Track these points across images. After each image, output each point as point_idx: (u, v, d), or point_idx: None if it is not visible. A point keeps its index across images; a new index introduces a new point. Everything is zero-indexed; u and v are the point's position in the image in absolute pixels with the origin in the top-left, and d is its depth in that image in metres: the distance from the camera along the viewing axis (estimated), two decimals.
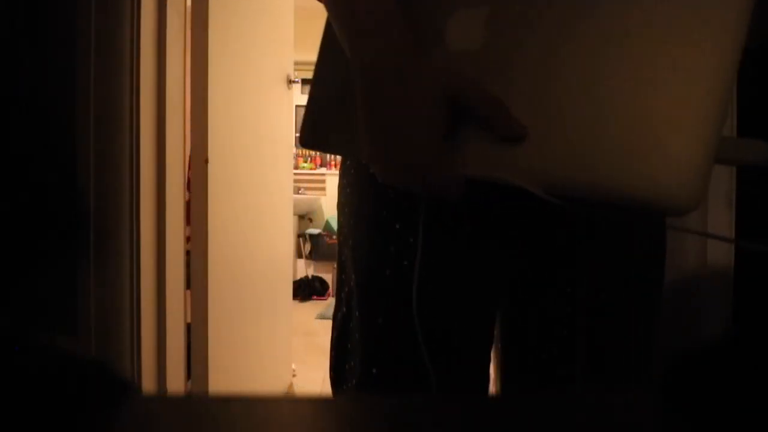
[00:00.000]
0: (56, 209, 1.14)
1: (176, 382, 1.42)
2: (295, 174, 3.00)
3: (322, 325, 3.62)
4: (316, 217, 5.17)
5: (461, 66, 0.45)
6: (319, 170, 5.48)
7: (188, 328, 1.51)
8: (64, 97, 1.15)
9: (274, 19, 2.04)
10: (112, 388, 0.23)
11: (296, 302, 3.95)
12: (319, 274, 4.57)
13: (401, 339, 0.57)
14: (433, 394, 0.55)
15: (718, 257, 1.18)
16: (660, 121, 0.38)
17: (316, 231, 4.84)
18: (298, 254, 4.66)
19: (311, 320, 3.75)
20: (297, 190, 4.91)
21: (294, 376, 2.43)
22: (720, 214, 1.15)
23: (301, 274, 4.54)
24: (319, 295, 4.42)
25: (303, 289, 4.36)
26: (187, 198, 1.52)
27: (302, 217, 5.09)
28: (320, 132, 0.54)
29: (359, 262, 0.60)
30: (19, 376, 0.21)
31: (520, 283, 0.61)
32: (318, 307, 4.10)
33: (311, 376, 2.55)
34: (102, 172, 1.19)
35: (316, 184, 5.41)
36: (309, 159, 5.53)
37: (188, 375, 1.51)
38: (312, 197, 5.22)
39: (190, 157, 1.52)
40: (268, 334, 2.11)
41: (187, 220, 1.50)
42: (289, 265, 2.50)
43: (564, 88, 0.41)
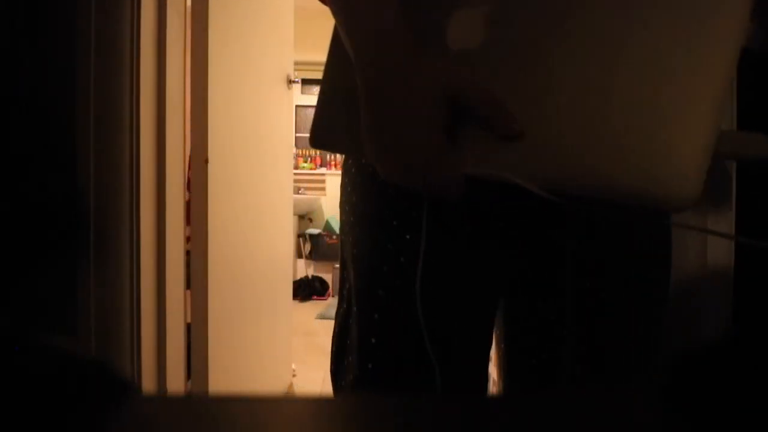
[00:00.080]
0: (56, 209, 1.14)
1: (176, 382, 1.42)
2: (295, 174, 3.00)
3: (322, 325, 3.62)
4: (316, 217, 5.17)
5: (461, 65, 0.45)
6: (319, 170, 5.49)
7: (188, 328, 1.51)
8: (64, 97, 1.15)
9: (274, 19, 2.04)
10: (112, 388, 0.23)
11: (296, 302, 3.95)
12: (319, 274, 4.57)
13: (397, 335, 0.58)
14: (433, 395, 0.55)
15: (718, 257, 1.18)
16: (657, 118, 0.39)
17: (316, 231, 4.85)
18: (298, 254, 4.66)
19: (311, 320, 3.75)
20: (297, 190, 4.91)
21: (294, 376, 2.43)
22: (720, 214, 1.15)
23: (301, 274, 4.54)
24: (319, 295, 4.42)
25: (303, 289, 4.36)
26: (187, 198, 1.52)
27: (302, 217, 5.09)
28: (329, 132, 0.54)
29: (358, 259, 0.61)
30: (19, 376, 0.20)
31: (521, 283, 0.61)
32: (318, 307, 4.10)
33: (311, 376, 2.56)
34: (102, 172, 1.19)
35: (316, 184, 5.41)
36: (309, 159, 5.53)
37: (188, 375, 1.51)
38: (312, 197, 5.23)
39: (190, 157, 1.52)
40: (268, 334, 2.11)
41: (187, 220, 1.50)
42: (289, 265, 2.50)
43: (561, 87, 0.42)
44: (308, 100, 5.34)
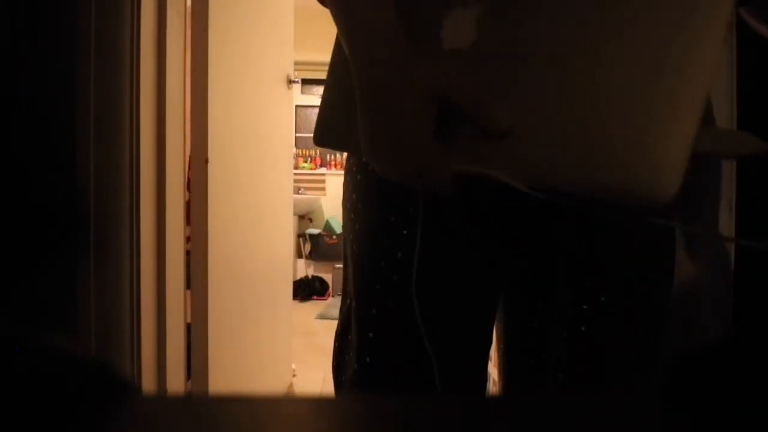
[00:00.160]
0: (56, 209, 1.14)
1: (176, 382, 1.42)
2: (295, 174, 3.00)
3: (322, 325, 3.62)
4: (316, 217, 5.17)
5: (452, 65, 0.46)
6: (319, 170, 5.48)
7: (188, 328, 1.51)
8: (64, 97, 1.15)
9: (274, 19, 2.04)
10: (112, 388, 0.23)
11: (296, 302, 3.95)
12: (319, 274, 4.58)
13: (394, 330, 0.59)
14: (433, 395, 0.55)
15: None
16: (637, 116, 0.40)
17: (316, 231, 4.85)
18: (298, 254, 4.66)
19: (311, 320, 3.75)
20: (297, 190, 4.91)
21: (294, 376, 2.43)
22: (720, 215, 1.15)
23: (301, 274, 4.54)
24: (319, 295, 4.42)
25: (303, 289, 4.36)
26: (187, 198, 1.52)
27: (302, 217, 5.09)
28: (331, 130, 0.56)
29: (357, 255, 0.62)
30: (19, 376, 0.20)
31: (520, 283, 0.61)
32: (318, 307, 4.10)
33: (311, 376, 2.56)
34: (102, 172, 1.19)
35: (316, 184, 5.41)
36: (309, 159, 5.53)
37: (188, 375, 1.51)
38: (312, 197, 5.23)
39: (190, 157, 1.52)
40: (268, 334, 2.11)
41: (187, 220, 1.50)
42: (289, 265, 2.50)
43: (546, 86, 0.43)
44: (308, 100, 5.34)
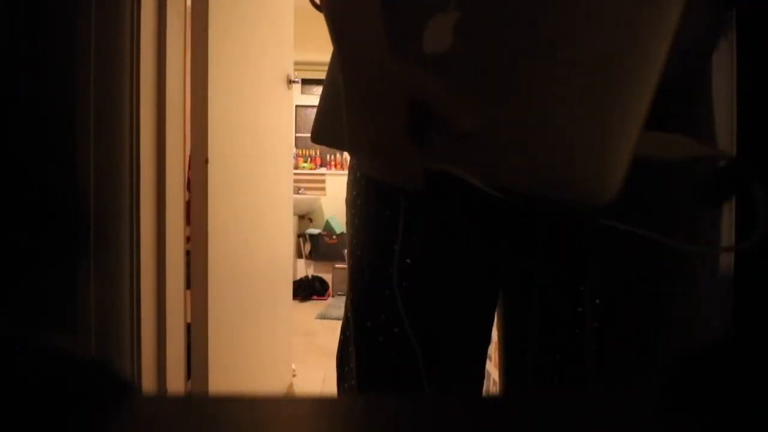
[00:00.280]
0: (56, 209, 1.14)
1: (176, 382, 1.42)
2: (295, 174, 3.00)
3: (322, 325, 3.62)
4: (316, 217, 5.17)
5: (429, 68, 0.50)
6: (319, 170, 5.48)
7: (188, 328, 1.51)
8: (64, 97, 1.15)
9: (274, 19, 2.04)
10: (112, 388, 0.23)
11: (296, 302, 3.95)
12: (319, 274, 4.58)
13: (385, 321, 0.61)
14: (433, 395, 0.56)
15: (718, 257, 1.18)
16: (582, 121, 0.43)
17: (316, 231, 4.85)
18: (298, 254, 4.66)
19: (311, 320, 3.75)
20: (297, 190, 4.91)
21: (294, 376, 2.43)
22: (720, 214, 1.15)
23: (301, 274, 4.54)
24: (319, 295, 4.42)
25: (303, 289, 4.36)
26: (187, 198, 1.52)
27: (302, 217, 5.09)
28: (328, 128, 0.59)
29: (354, 249, 0.65)
30: (19, 376, 0.20)
31: (519, 284, 0.61)
32: (318, 307, 4.10)
33: (311, 376, 2.56)
34: (102, 172, 1.19)
35: (316, 184, 5.41)
36: (309, 159, 5.53)
37: (188, 375, 1.51)
38: (312, 197, 5.23)
39: (190, 157, 1.52)
40: (268, 334, 2.11)
41: (187, 220, 1.50)
42: (289, 265, 2.50)
43: (506, 91, 0.46)
44: (308, 100, 5.34)
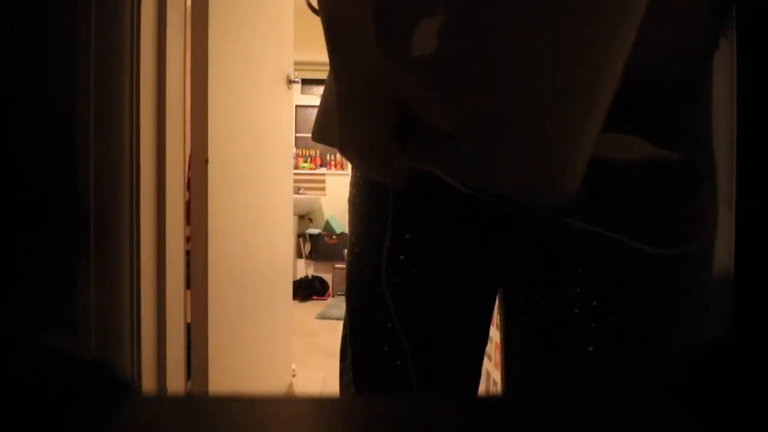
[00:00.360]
0: (56, 209, 1.14)
1: (176, 382, 1.42)
2: (295, 174, 3.00)
3: (322, 325, 3.62)
4: (316, 217, 5.17)
5: (415, 70, 0.52)
6: (319, 170, 5.48)
7: (188, 328, 1.51)
8: (64, 97, 1.15)
9: (274, 19, 2.04)
10: (112, 388, 0.23)
11: (296, 302, 3.95)
12: (319, 274, 4.58)
13: (376, 314, 0.62)
14: (434, 395, 0.56)
15: (718, 257, 1.18)
16: (536, 128, 0.45)
17: (316, 231, 4.85)
18: (298, 254, 4.66)
19: (311, 320, 3.75)
20: (297, 190, 4.91)
21: (294, 376, 2.43)
22: (720, 215, 1.15)
23: (301, 274, 4.54)
24: (319, 295, 4.42)
25: (303, 289, 4.37)
26: (187, 198, 1.52)
27: (302, 217, 5.09)
28: (326, 128, 0.60)
29: (352, 246, 0.66)
30: (19, 376, 0.20)
31: (517, 284, 0.61)
32: (318, 307, 4.10)
33: (311, 376, 2.56)
34: (102, 172, 1.19)
35: (316, 184, 5.41)
36: (309, 159, 5.53)
37: (188, 375, 1.51)
38: (312, 197, 5.23)
39: (190, 157, 1.52)
40: (268, 334, 2.11)
41: (187, 220, 1.50)
42: (289, 265, 2.50)
43: (480, 94, 0.48)
44: (308, 100, 5.34)
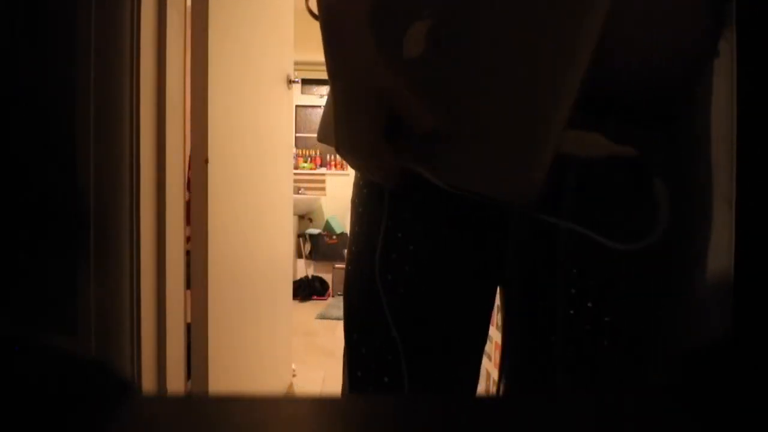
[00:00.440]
0: (56, 209, 1.14)
1: (176, 382, 1.42)
2: (295, 174, 3.00)
3: (322, 325, 3.62)
4: (316, 217, 5.18)
5: (406, 71, 0.53)
6: (319, 170, 5.48)
7: (188, 328, 1.51)
8: (64, 97, 1.15)
9: (274, 19, 2.04)
10: (112, 388, 0.23)
11: (296, 302, 3.95)
12: (319, 274, 4.58)
13: (370, 312, 0.63)
14: (433, 395, 0.56)
15: (718, 257, 1.18)
16: (502, 128, 0.47)
17: (316, 231, 4.85)
18: (298, 254, 4.66)
19: (311, 320, 3.75)
20: (297, 190, 4.91)
21: (294, 376, 2.43)
22: (720, 215, 1.15)
23: (301, 274, 4.54)
24: (319, 295, 4.43)
25: (303, 289, 4.37)
26: (187, 198, 1.52)
27: (302, 217, 5.09)
28: (328, 129, 0.62)
29: (350, 244, 0.67)
30: (19, 376, 0.21)
31: (516, 285, 0.61)
32: (318, 307, 4.10)
33: (311, 376, 2.56)
34: (102, 172, 1.19)
35: (316, 184, 5.41)
36: (309, 159, 5.53)
37: (188, 375, 1.51)
38: (312, 197, 5.23)
39: (190, 157, 1.52)
40: (268, 334, 2.11)
41: (187, 220, 1.50)
42: (289, 265, 2.50)
43: (458, 96, 0.50)
44: (308, 100, 5.34)
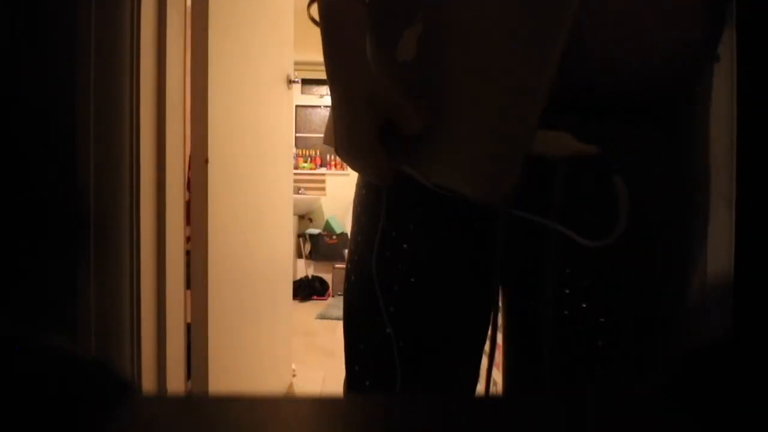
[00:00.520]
0: (56, 209, 1.14)
1: (176, 382, 1.42)
2: (295, 174, 3.00)
3: (322, 325, 3.62)
4: (316, 217, 5.17)
5: (399, 74, 0.56)
6: (319, 170, 5.48)
7: (188, 328, 1.51)
8: (64, 97, 1.15)
9: (274, 19, 2.04)
10: (112, 388, 0.23)
11: (296, 302, 3.95)
12: (319, 274, 4.58)
13: (367, 311, 0.64)
14: (433, 395, 0.56)
15: (718, 257, 1.17)
16: (476, 131, 0.49)
17: (316, 231, 4.85)
18: (298, 254, 4.66)
19: (311, 320, 3.75)
20: (297, 190, 4.91)
21: (294, 376, 2.43)
22: (720, 215, 1.15)
23: (301, 274, 4.54)
24: (319, 295, 4.42)
25: (303, 289, 4.36)
26: (187, 198, 1.52)
27: (302, 217, 5.09)
28: (329, 131, 0.63)
29: (351, 243, 0.68)
30: (19, 376, 0.20)
31: (515, 285, 0.61)
32: (318, 307, 4.10)
33: (311, 376, 2.56)
34: (102, 172, 1.19)
35: (316, 184, 5.41)
36: (309, 159, 5.53)
37: (188, 375, 1.51)
38: (312, 197, 5.23)
39: (190, 157, 1.52)
40: (268, 334, 2.11)
41: (187, 220, 1.50)
42: (289, 265, 2.50)
43: (442, 99, 0.52)
44: (308, 100, 5.34)
